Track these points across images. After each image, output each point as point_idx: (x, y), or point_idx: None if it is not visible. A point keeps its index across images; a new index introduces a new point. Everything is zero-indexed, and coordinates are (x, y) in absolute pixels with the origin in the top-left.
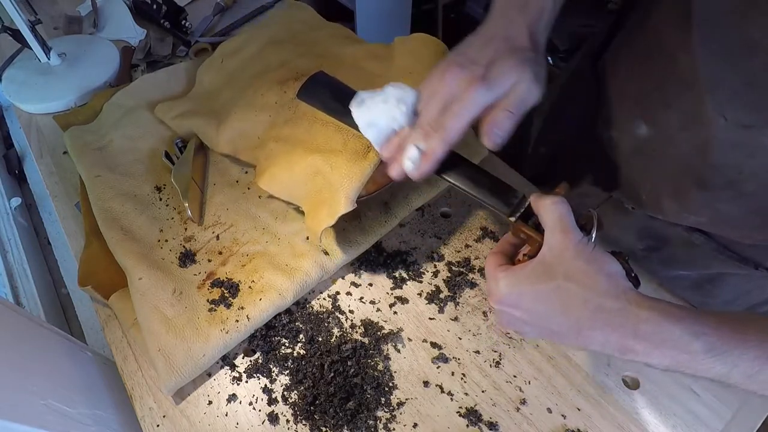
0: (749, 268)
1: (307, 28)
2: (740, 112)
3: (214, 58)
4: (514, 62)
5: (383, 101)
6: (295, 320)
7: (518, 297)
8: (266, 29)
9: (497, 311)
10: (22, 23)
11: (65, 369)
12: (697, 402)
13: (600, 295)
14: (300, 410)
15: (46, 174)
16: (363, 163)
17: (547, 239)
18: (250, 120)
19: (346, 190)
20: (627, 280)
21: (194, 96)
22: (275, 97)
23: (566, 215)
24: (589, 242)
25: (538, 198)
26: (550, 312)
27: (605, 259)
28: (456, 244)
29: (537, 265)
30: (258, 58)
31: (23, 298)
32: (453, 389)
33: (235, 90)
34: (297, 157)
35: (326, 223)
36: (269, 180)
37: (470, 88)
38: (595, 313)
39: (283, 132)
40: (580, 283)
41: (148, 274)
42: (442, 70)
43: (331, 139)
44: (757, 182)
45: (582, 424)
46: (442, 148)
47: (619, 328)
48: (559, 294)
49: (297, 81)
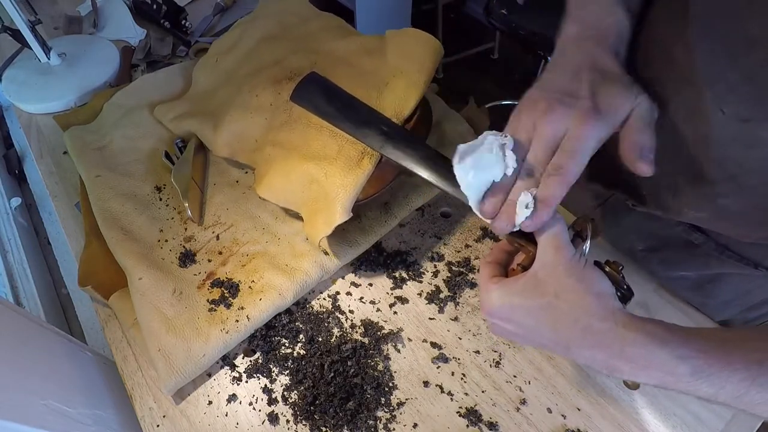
0: (749, 267)
1: (299, 20)
2: (739, 106)
3: (209, 56)
4: (619, 89)
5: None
6: (295, 320)
7: (509, 311)
8: (259, 22)
9: (489, 323)
10: (22, 23)
11: (65, 369)
12: (697, 402)
13: (589, 316)
14: (300, 410)
15: (46, 174)
16: (357, 172)
17: (540, 254)
18: (245, 121)
19: (341, 200)
20: (617, 300)
21: (191, 96)
22: (270, 99)
23: (560, 232)
24: (581, 257)
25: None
26: (540, 327)
27: (596, 278)
28: (456, 244)
29: (529, 279)
30: (252, 55)
31: (23, 298)
32: (453, 389)
33: (231, 89)
34: (293, 165)
35: (324, 233)
36: (267, 188)
37: (584, 123)
38: (584, 332)
39: (280, 136)
40: (570, 302)
41: (148, 274)
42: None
43: (326, 146)
44: (757, 176)
45: (582, 424)
46: (561, 191)
47: (607, 349)
48: (550, 311)
49: (291, 81)
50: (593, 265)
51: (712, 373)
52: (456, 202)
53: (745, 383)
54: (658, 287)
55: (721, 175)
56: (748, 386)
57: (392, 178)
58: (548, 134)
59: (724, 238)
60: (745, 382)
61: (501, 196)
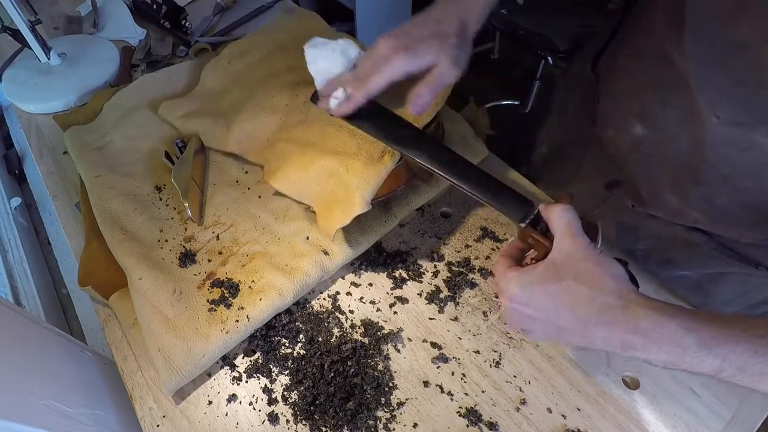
0: (749, 267)
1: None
2: (732, 111)
3: (221, 58)
4: (437, 44)
5: (331, 49)
6: (295, 320)
7: (530, 295)
8: (273, 35)
9: (508, 309)
10: (22, 23)
11: (65, 369)
12: (697, 402)
13: (606, 294)
14: (300, 410)
15: (46, 174)
16: (378, 166)
17: (557, 242)
18: (259, 121)
19: (362, 192)
20: (630, 282)
21: (198, 95)
22: (286, 100)
23: (574, 221)
24: (596, 247)
25: (548, 206)
26: (559, 309)
27: (611, 262)
28: (456, 244)
29: (548, 265)
30: (266, 61)
31: (23, 298)
32: (453, 389)
33: (244, 90)
34: (311, 158)
35: (340, 223)
36: (282, 178)
37: (396, 54)
38: (601, 310)
39: (295, 134)
40: (588, 283)
41: (148, 274)
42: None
43: (346, 143)
44: (751, 178)
45: (582, 424)
46: (362, 97)
47: (622, 325)
48: (568, 292)
49: (309, 85)
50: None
51: (717, 344)
52: (456, 202)
53: (748, 354)
54: (658, 287)
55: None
56: (751, 356)
57: (405, 180)
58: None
59: (724, 238)
60: (747, 352)
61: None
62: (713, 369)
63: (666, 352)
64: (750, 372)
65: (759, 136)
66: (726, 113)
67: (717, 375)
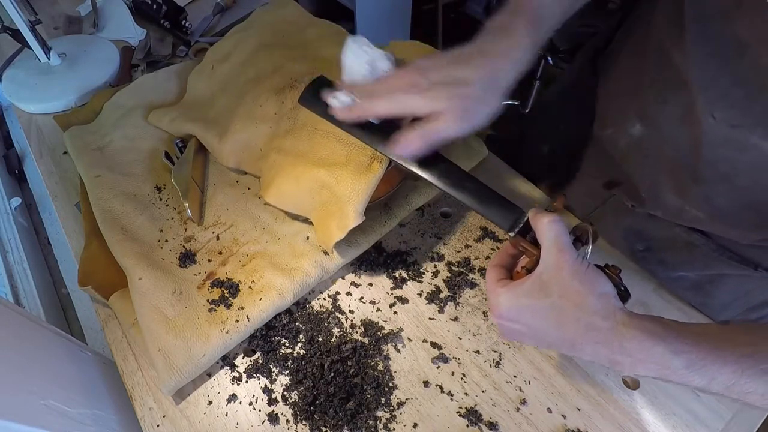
0: (749, 268)
1: (295, 29)
2: (728, 112)
3: (205, 64)
4: (453, 93)
5: (363, 53)
6: (295, 320)
7: (517, 312)
8: (254, 31)
9: (498, 325)
10: (22, 23)
11: (65, 369)
12: (697, 402)
13: (591, 315)
14: (300, 410)
15: (46, 174)
16: (368, 176)
17: (544, 257)
18: (250, 131)
19: (354, 205)
20: (618, 299)
21: (187, 103)
22: (274, 108)
23: (562, 234)
24: (583, 260)
25: (536, 215)
26: (547, 327)
27: (598, 280)
28: (456, 244)
29: (534, 281)
30: (249, 63)
31: (23, 298)
32: (453, 389)
33: (230, 97)
34: (301, 170)
35: (337, 237)
36: (276, 193)
37: (409, 92)
38: (587, 330)
39: (284, 143)
40: (574, 303)
41: (148, 274)
42: (411, 65)
43: (334, 152)
44: (749, 178)
45: (582, 424)
46: (357, 115)
47: (608, 345)
48: (555, 311)
49: (294, 89)
50: (595, 267)
51: (704, 365)
52: (456, 202)
53: (736, 374)
54: (658, 287)
55: (715, 176)
56: (738, 377)
57: (398, 182)
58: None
59: (724, 240)
60: (735, 373)
61: (347, 87)
62: (701, 386)
63: (653, 371)
64: (737, 391)
65: (755, 138)
66: (722, 114)
67: (705, 390)
